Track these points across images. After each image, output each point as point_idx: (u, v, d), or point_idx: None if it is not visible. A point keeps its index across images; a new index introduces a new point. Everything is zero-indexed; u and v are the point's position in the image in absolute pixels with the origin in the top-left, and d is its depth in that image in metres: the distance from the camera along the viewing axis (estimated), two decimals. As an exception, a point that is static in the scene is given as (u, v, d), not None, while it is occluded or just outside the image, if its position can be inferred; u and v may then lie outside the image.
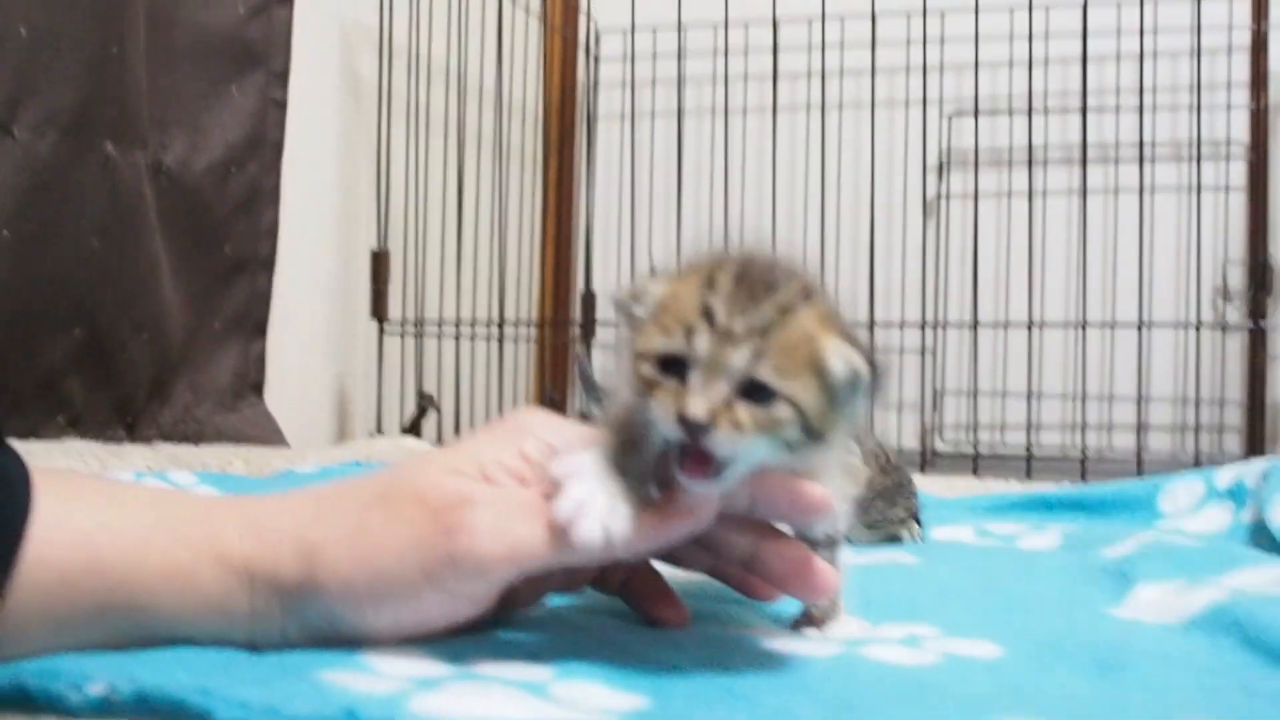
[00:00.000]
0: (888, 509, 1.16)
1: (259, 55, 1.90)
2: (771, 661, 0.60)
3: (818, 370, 0.55)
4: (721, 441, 0.53)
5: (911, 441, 2.77)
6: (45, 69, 1.49)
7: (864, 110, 2.68)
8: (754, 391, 0.54)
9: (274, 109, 1.94)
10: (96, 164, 1.56)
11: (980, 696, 0.54)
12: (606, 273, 3.01)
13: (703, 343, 0.54)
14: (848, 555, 0.69)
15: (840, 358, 0.55)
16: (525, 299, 2.98)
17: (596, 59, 3.09)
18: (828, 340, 0.55)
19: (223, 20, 1.84)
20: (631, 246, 2.51)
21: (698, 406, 0.53)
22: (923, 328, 2.29)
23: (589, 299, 2.99)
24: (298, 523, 0.58)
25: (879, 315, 2.51)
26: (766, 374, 0.54)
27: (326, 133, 2.26)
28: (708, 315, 0.54)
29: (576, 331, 2.97)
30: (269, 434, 1.99)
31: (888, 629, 0.69)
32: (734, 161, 2.75)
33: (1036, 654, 0.64)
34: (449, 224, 2.44)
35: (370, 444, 2.03)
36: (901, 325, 2.48)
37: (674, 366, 0.55)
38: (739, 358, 0.53)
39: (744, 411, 0.54)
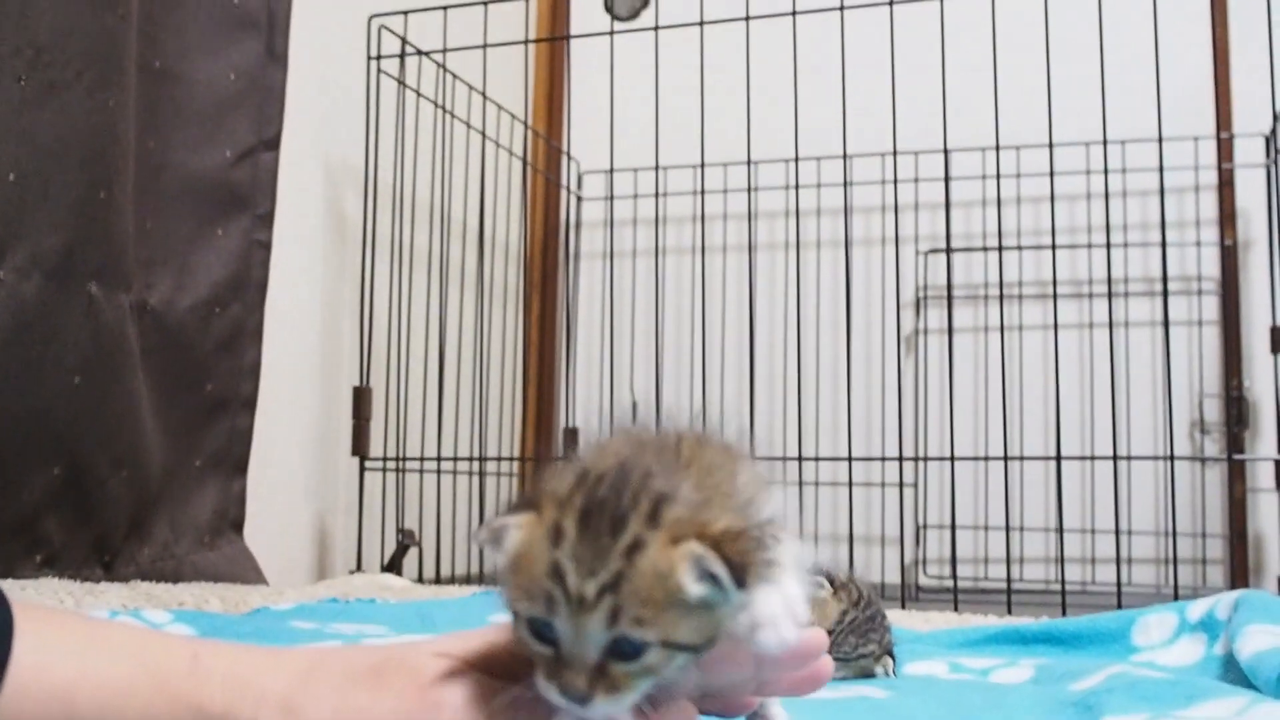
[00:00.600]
0: (861, 644, 1.16)
1: (245, 198, 1.94)
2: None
3: (679, 601, 0.53)
4: (602, 707, 0.54)
5: (894, 576, 2.76)
6: (33, 213, 1.52)
7: (840, 248, 2.74)
8: (624, 645, 0.53)
9: (258, 250, 1.97)
10: (80, 305, 1.59)
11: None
12: (589, 408, 3.03)
13: (561, 614, 0.54)
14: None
15: (694, 579, 0.54)
16: (507, 435, 2.99)
17: (579, 199, 3.15)
18: (681, 567, 0.53)
19: (210, 165, 1.88)
20: (612, 382, 2.54)
21: (575, 686, 0.54)
22: (901, 461, 2.30)
23: (571, 435, 3.00)
24: (286, 684, 0.58)
25: (858, 449, 2.52)
26: (628, 629, 0.53)
27: (311, 271, 2.30)
28: (559, 578, 0.54)
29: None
30: (248, 571, 1.98)
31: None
32: (713, 298, 2.80)
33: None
34: (431, 360, 2.47)
35: (349, 581, 2.02)
36: (883, 459, 2.49)
37: (544, 628, 0.55)
38: (597, 624, 0.53)
39: (618, 671, 0.54)
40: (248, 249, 1.95)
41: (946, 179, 2.16)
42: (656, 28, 2.27)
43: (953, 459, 2.08)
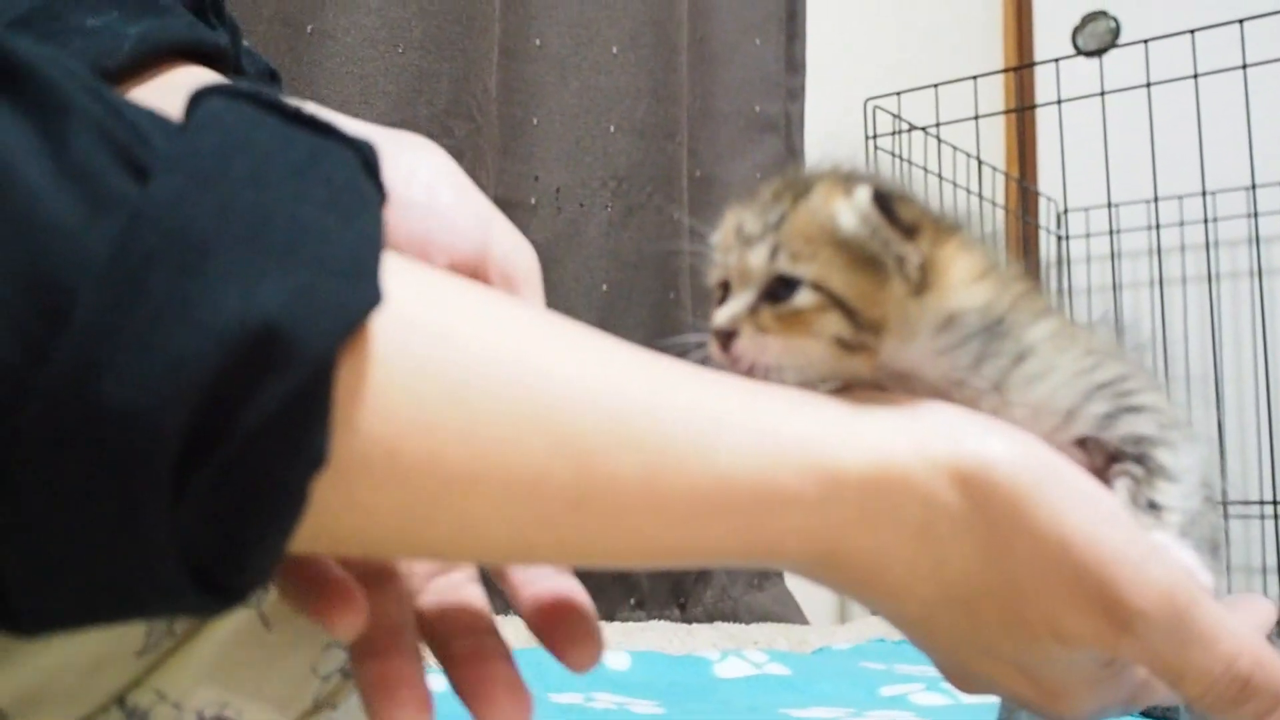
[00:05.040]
0: None
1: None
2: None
3: (837, 240, 0.48)
4: (746, 350, 0.49)
5: None
6: (621, 317, 1.83)
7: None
8: (781, 288, 0.49)
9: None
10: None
11: None
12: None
13: (731, 258, 0.50)
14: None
15: (848, 208, 0.48)
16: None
17: (1061, 238, 3.20)
18: (840, 199, 0.49)
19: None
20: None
21: (718, 316, 0.50)
22: None
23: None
24: None
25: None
26: (784, 263, 0.48)
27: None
28: (739, 230, 0.51)
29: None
30: (792, 611, 2.21)
31: None
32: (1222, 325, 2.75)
33: None
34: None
35: (869, 621, 2.19)
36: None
37: (723, 291, 0.52)
38: (757, 258, 0.49)
39: (770, 313, 0.49)
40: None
41: None
42: (1149, 84, 2.34)
43: None
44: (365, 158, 0.38)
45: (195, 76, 0.57)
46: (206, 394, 0.31)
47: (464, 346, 0.38)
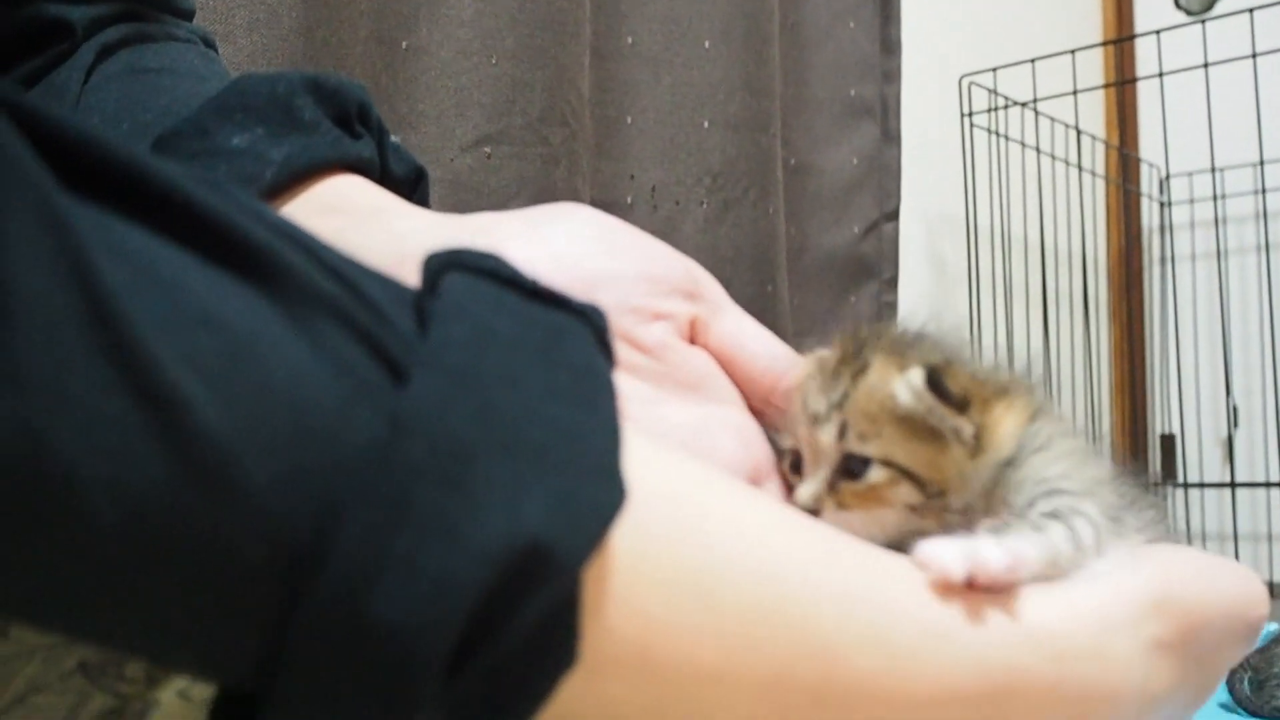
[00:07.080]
0: None
1: (871, 267, 2.17)
2: None
3: (897, 417, 0.53)
4: (828, 519, 0.53)
5: None
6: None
7: None
8: (853, 464, 0.53)
9: (887, 311, 2.19)
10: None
11: None
12: (1186, 413, 3.00)
13: (801, 433, 0.55)
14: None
15: (904, 387, 0.53)
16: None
17: (1163, 204, 3.14)
18: (895, 380, 0.53)
19: (841, 241, 2.12)
20: (1227, 384, 2.53)
21: (801, 495, 0.54)
22: None
23: (1167, 441, 3.00)
24: None
25: None
26: (854, 444, 0.53)
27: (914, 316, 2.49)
28: (804, 404, 0.55)
29: (1154, 477, 2.99)
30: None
31: None
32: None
33: None
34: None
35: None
36: None
37: (794, 459, 0.57)
38: (826, 437, 0.54)
39: (848, 490, 0.53)
40: (878, 311, 2.18)
41: None
42: (1254, 55, 2.27)
43: None
44: (596, 327, 0.38)
45: (341, 192, 0.58)
46: (472, 614, 0.32)
47: (713, 543, 0.39)
